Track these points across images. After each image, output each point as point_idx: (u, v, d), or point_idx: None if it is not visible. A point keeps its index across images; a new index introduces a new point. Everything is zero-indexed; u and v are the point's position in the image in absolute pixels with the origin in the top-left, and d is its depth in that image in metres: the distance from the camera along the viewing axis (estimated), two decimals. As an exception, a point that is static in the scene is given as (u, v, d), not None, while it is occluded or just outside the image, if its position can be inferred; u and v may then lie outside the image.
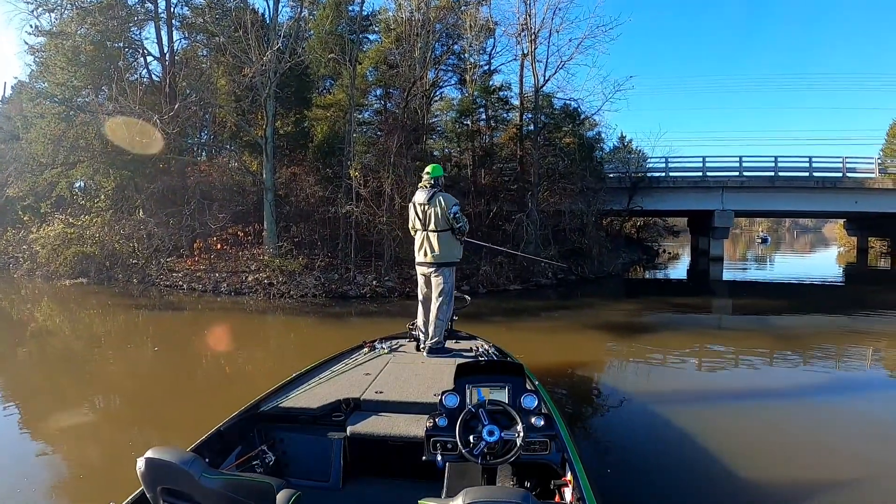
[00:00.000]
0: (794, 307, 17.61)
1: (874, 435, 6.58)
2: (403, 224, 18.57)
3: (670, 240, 52.01)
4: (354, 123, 22.20)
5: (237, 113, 20.76)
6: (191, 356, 10.47)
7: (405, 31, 22.82)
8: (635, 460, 5.72)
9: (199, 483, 2.53)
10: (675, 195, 32.90)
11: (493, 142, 26.91)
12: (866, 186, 32.34)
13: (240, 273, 18.38)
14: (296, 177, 21.59)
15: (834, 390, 8.56)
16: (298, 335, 12.92)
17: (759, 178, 32.57)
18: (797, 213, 48.43)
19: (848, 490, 5.11)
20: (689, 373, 9.75)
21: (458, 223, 6.47)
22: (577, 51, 24.38)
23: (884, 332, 13.62)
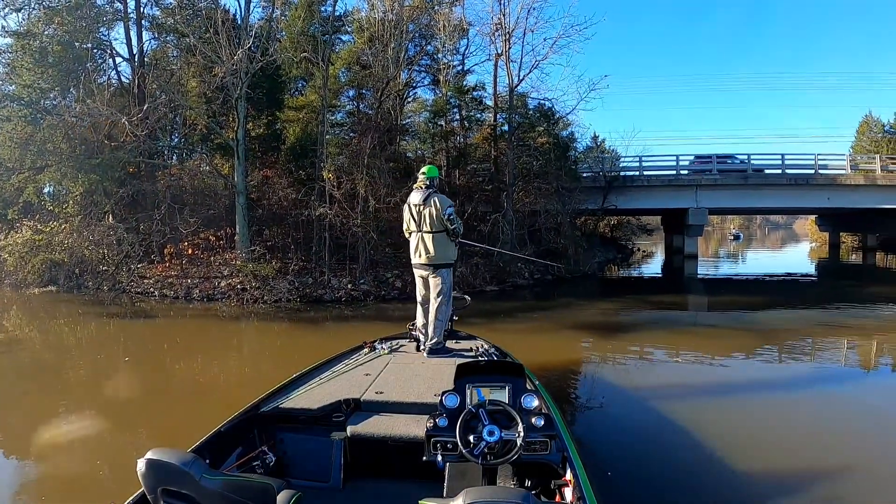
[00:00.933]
0: (770, 302, 17.82)
1: (853, 422, 6.94)
2: (378, 226, 18.58)
3: (644, 238, 52.37)
4: (327, 125, 21.98)
5: (208, 115, 20.44)
6: (162, 366, 10.20)
7: (378, 32, 22.63)
8: (621, 460, 5.70)
9: (200, 484, 2.54)
10: (650, 194, 33.09)
11: (468, 142, 26.81)
12: (838, 183, 32.69)
13: (212, 279, 18.06)
14: (268, 179, 21.25)
15: (816, 382, 8.85)
16: (272, 342, 12.69)
17: (732, 176, 32.85)
18: (770, 209, 49.23)
19: (836, 478, 5.29)
20: (672, 370, 9.86)
21: (453, 224, 6.42)
22: (551, 50, 24.38)
23: (860, 325, 13.81)
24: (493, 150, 25.41)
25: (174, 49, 23.57)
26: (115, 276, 19.03)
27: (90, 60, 20.79)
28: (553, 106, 26.52)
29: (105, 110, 17.82)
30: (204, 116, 20.39)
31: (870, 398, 8.08)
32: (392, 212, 18.85)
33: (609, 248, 36.96)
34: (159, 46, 23.95)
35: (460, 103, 26.20)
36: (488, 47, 26.88)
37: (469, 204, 22.66)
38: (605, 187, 30.63)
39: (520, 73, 24.26)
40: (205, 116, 20.37)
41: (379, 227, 18.56)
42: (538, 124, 26.77)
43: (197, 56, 19.22)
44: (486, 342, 6.61)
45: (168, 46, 23.96)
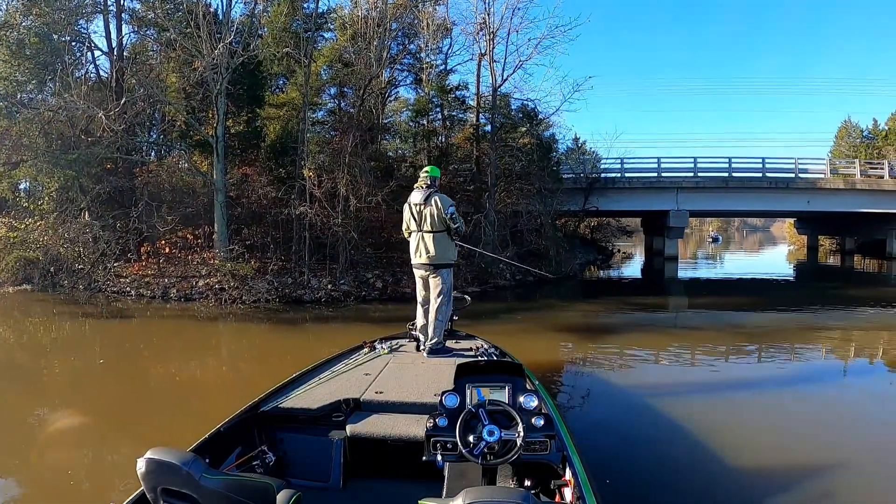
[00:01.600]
0: (752, 304, 17.94)
1: (833, 419, 7.28)
2: (359, 225, 18.41)
3: (624, 240, 52.55)
4: (308, 122, 21.73)
5: (187, 111, 20.11)
6: (137, 369, 9.93)
7: (361, 29, 22.42)
8: (610, 460, 5.59)
9: (200, 483, 2.54)
10: (631, 195, 33.26)
11: (450, 142, 26.67)
12: (818, 186, 33.18)
13: (190, 278, 17.79)
14: (247, 177, 20.97)
15: (800, 381, 9.13)
16: (251, 344, 12.48)
17: (713, 179, 33.05)
18: (751, 212, 49.71)
19: (825, 473, 5.47)
20: (657, 370, 9.92)
21: (455, 224, 6.45)
22: (535, 51, 24.31)
23: (841, 326, 14.02)
24: (476, 150, 25.28)
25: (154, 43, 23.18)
26: (91, 275, 18.68)
27: (68, 53, 20.38)
28: (536, 107, 26.50)
29: (82, 104, 17.46)
30: (183, 112, 20.04)
31: (850, 395, 8.54)
32: (373, 211, 18.71)
33: (589, 249, 37.00)
34: (139, 40, 23.56)
35: (443, 103, 26.07)
36: (472, 47, 26.75)
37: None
38: (586, 189, 30.72)
39: (503, 74, 24.21)
40: (184, 112, 20.02)
41: (360, 227, 18.40)
42: (521, 125, 26.76)
43: (177, 51, 18.92)
44: (485, 342, 6.65)
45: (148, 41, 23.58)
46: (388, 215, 19.89)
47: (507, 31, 23.98)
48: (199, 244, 19.29)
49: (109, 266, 18.75)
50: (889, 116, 50.74)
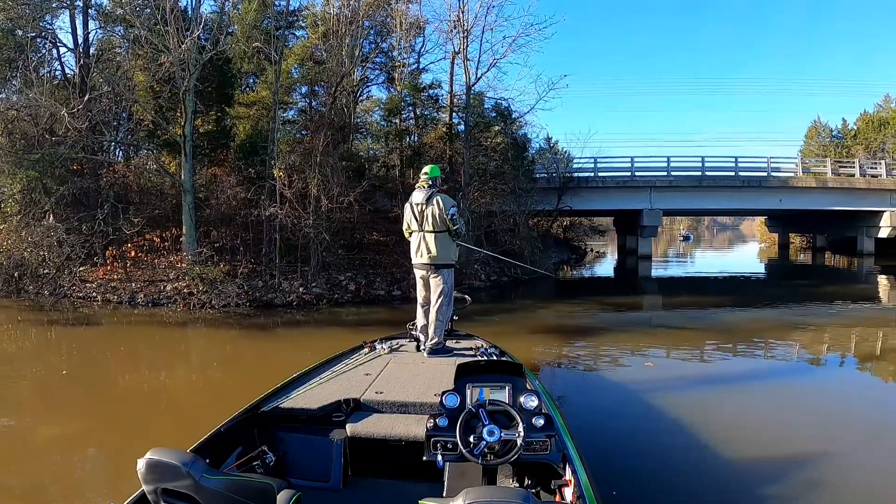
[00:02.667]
0: (729, 302, 18.29)
1: (806, 411, 7.53)
2: (331, 226, 18.08)
3: (596, 239, 52.86)
4: (279, 121, 21.32)
5: (155, 109, 19.58)
6: (101, 380, 9.51)
7: (333, 27, 22.12)
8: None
9: (200, 483, 2.54)
10: (604, 195, 33.48)
11: (422, 141, 26.40)
12: (790, 185, 33.79)
13: (157, 282, 17.29)
14: (217, 178, 20.52)
15: (781, 375, 9.45)
16: (220, 351, 12.01)
17: (686, 178, 33.35)
18: (724, 211, 50.55)
19: (813, 463, 5.65)
20: (640, 370, 9.71)
21: (456, 224, 6.43)
22: (510, 49, 24.24)
23: (816, 323, 14.16)
24: (449, 149, 25.09)
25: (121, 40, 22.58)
26: (57, 280, 18.08)
27: (33, 50, 19.83)
28: (510, 105, 26.36)
29: (45, 101, 16.96)
30: (151, 111, 19.49)
31: (829, 387, 9.01)
32: (345, 212, 18.38)
33: (563, 248, 37.15)
34: (105, 37, 22.99)
35: (415, 101, 25.80)
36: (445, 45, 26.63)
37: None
38: (559, 188, 30.77)
39: (477, 72, 24.04)
40: (152, 111, 19.48)
41: (331, 228, 17.99)
42: (495, 124, 26.62)
43: (145, 48, 18.41)
44: (485, 342, 6.65)
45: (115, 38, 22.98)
46: (361, 216, 19.63)
47: (482, 29, 23.89)
48: (166, 247, 18.76)
49: (75, 270, 18.16)
50: (858, 116, 51.76)
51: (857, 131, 50.78)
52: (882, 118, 48.68)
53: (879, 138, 47.32)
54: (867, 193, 34.05)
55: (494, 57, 24.14)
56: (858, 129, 50.67)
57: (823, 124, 55.05)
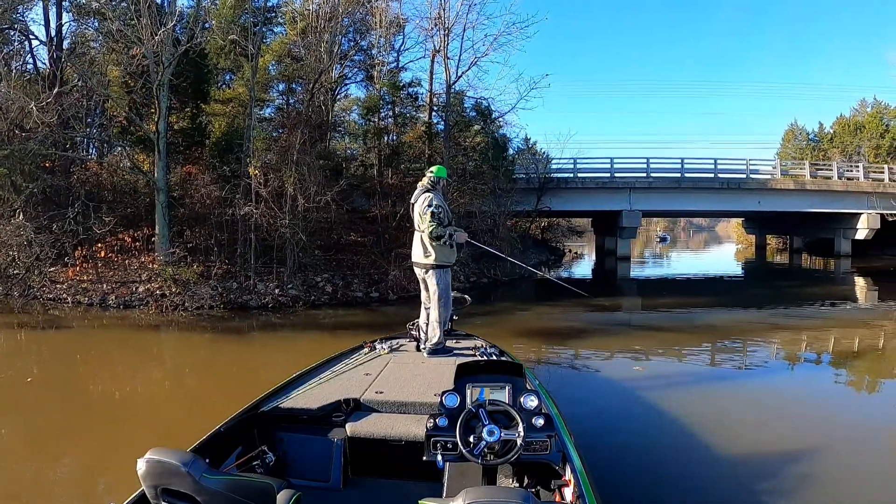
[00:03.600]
0: (712, 303, 18.79)
1: (790, 410, 7.73)
2: (307, 226, 17.72)
3: (574, 240, 53.04)
4: (255, 118, 20.86)
5: (129, 105, 19.05)
6: (68, 388, 8.98)
7: (312, 23, 21.80)
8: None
9: (200, 483, 2.55)
10: (584, 196, 33.43)
11: (401, 140, 26.10)
12: (769, 187, 34.18)
13: (130, 283, 16.79)
14: (191, 176, 20.05)
15: (768, 374, 9.72)
16: (193, 357, 11.56)
17: (666, 179, 33.56)
18: (703, 212, 51.21)
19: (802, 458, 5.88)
20: (630, 371, 9.72)
21: (427, 223, 6.25)
22: (491, 48, 24.11)
23: (795, 324, 14.59)
24: (428, 149, 24.80)
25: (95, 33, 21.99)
26: (27, 281, 17.48)
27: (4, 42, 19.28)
28: (490, 105, 26.18)
29: (13, 94, 16.44)
30: (124, 106, 18.97)
31: (810, 386, 9.20)
32: (322, 212, 18.02)
33: (541, 249, 37.16)
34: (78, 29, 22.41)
35: (394, 100, 25.49)
36: (425, 42, 26.31)
37: (401, 204, 22.06)
38: (539, 189, 30.66)
39: (458, 71, 23.89)
40: (125, 106, 18.97)
41: (308, 228, 17.59)
42: (474, 123, 26.44)
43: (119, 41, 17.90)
44: (485, 342, 6.65)
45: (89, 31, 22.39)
46: (338, 216, 19.29)
47: (463, 27, 23.78)
48: (138, 247, 18.24)
49: (45, 271, 17.57)
50: (835, 120, 52.25)
51: (833, 135, 51.24)
52: (858, 122, 49.10)
53: (855, 142, 47.72)
54: (845, 196, 34.45)
55: (476, 55, 24.03)
56: (835, 132, 51.15)
57: (800, 128, 55.71)
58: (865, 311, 17.22)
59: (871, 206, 34.10)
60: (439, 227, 6.22)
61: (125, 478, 3.17)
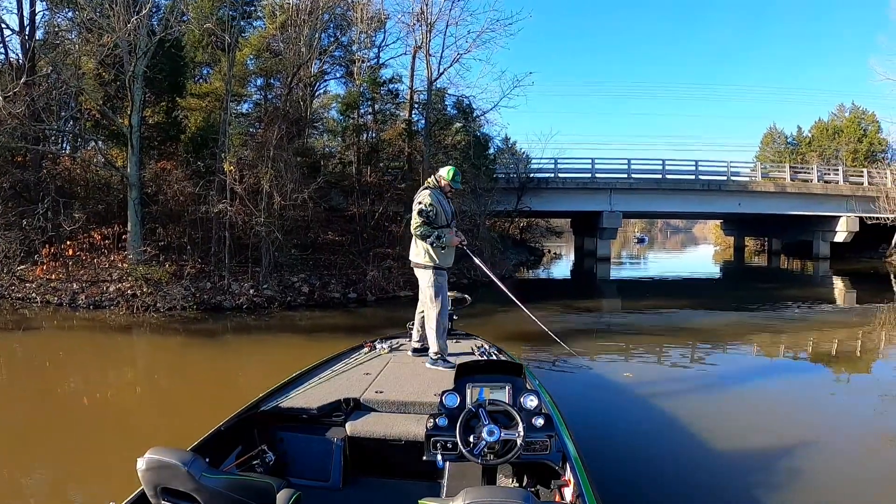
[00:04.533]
0: (693, 304, 18.81)
1: (768, 407, 7.87)
2: (283, 225, 17.30)
3: (553, 240, 53.07)
4: (231, 111, 20.33)
5: (103, 98, 18.47)
6: (26, 397, 8.52)
7: (291, 18, 21.42)
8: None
9: (200, 482, 2.57)
10: (564, 196, 33.54)
11: (381, 138, 25.77)
12: (750, 189, 34.63)
13: (100, 283, 16.19)
14: (166, 172, 19.49)
15: (760, 374, 9.84)
16: (161, 362, 11.04)
17: (647, 181, 33.80)
18: (684, 214, 51.88)
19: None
20: (621, 375, 9.67)
21: (413, 224, 5.95)
22: (474, 44, 23.86)
23: (775, 325, 14.72)
24: (408, 147, 24.54)
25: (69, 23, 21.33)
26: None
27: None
28: (471, 103, 26.00)
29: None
30: (98, 99, 18.37)
31: (794, 386, 9.26)
32: (299, 209, 17.59)
33: (521, 250, 37.05)
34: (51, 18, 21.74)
35: (374, 96, 25.12)
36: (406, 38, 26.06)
37: (380, 203, 21.75)
38: (519, 188, 30.63)
39: (440, 67, 23.63)
40: (98, 98, 18.38)
41: (284, 227, 17.15)
42: (456, 121, 26.20)
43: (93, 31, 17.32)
44: (485, 341, 6.72)
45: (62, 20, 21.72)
46: (315, 214, 18.90)
47: (446, 23, 23.53)
48: (107, 245, 17.62)
49: (14, 269, 16.97)
50: (813, 124, 52.88)
51: (811, 138, 51.88)
52: (836, 126, 49.86)
53: (833, 145, 48.44)
54: (825, 199, 34.90)
55: (458, 52, 23.77)
56: (813, 136, 51.80)
57: (779, 131, 56.22)
58: (849, 313, 17.69)
59: (850, 210, 34.52)
60: (424, 227, 5.91)
61: (93, 487, 2.96)
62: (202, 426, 3.95)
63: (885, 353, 12.02)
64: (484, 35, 23.82)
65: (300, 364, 5.63)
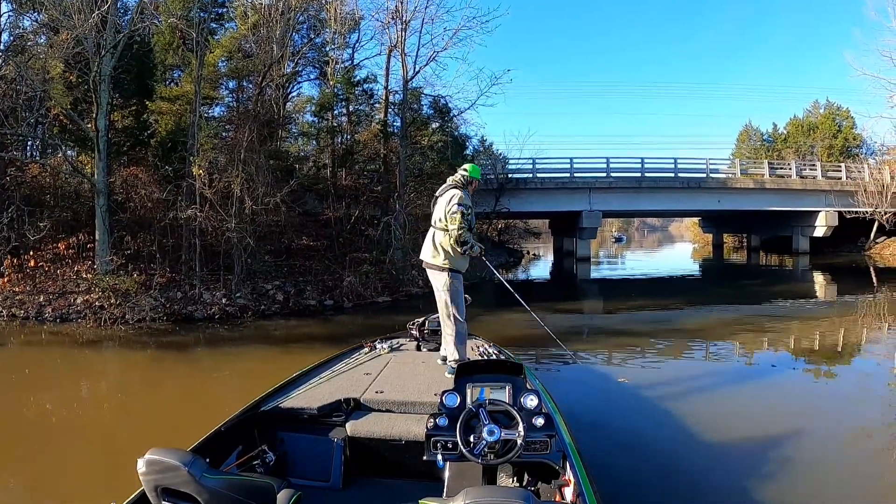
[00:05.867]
0: (679, 302, 18.98)
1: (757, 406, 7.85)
2: (256, 230, 16.82)
3: (531, 241, 53.12)
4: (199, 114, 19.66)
5: (70, 101, 17.75)
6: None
7: (264, 18, 20.99)
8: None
9: (200, 483, 2.57)
10: (543, 196, 33.50)
11: (356, 139, 25.37)
12: (729, 186, 34.94)
13: (68, 294, 15.53)
14: (135, 178, 18.83)
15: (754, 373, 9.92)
16: (127, 379, 10.47)
17: (626, 179, 33.85)
18: (664, 212, 52.32)
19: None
20: (620, 373, 9.64)
21: (453, 224, 5.66)
22: (450, 42, 23.44)
23: (765, 322, 14.68)
24: (383, 148, 24.11)
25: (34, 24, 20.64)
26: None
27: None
28: (448, 102, 25.68)
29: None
30: (66, 103, 17.66)
31: (779, 382, 9.16)
32: (272, 214, 17.11)
33: (500, 251, 36.86)
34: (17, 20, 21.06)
35: (348, 97, 24.73)
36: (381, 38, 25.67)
37: (356, 206, 21.35)
38: (497, 189, 30.38)
39: (415, 66, 23.18)
40: (66, 103, 17.67)
41: (257, 232, 16.66)
42: (433, 121, 25.90)
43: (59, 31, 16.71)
44: (485, 341, 6.71)
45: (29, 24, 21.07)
46: (289, 219, 18.42)
47: (421, 21, 23.07)
48: (71, 255, 16.96)
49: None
50: (788, 121, 53.78)
51: (787, 135, 52.69)
52: (811, 123, 50.72)
53: (808, 142, 49.24)
54: (804, 194, 35.39)
55: (434, 49, 23.36)
56: (788, 133, 52.68)
57: (755, 128, 57.32)
58: (832, 307, 17.91)
59: (829, 204, 35.07)
60: (467, 232, 5.71)
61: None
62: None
63: (871, 346, 12.21)
64: (460, 32, 23.43)
65: (275, 378, 5.38)
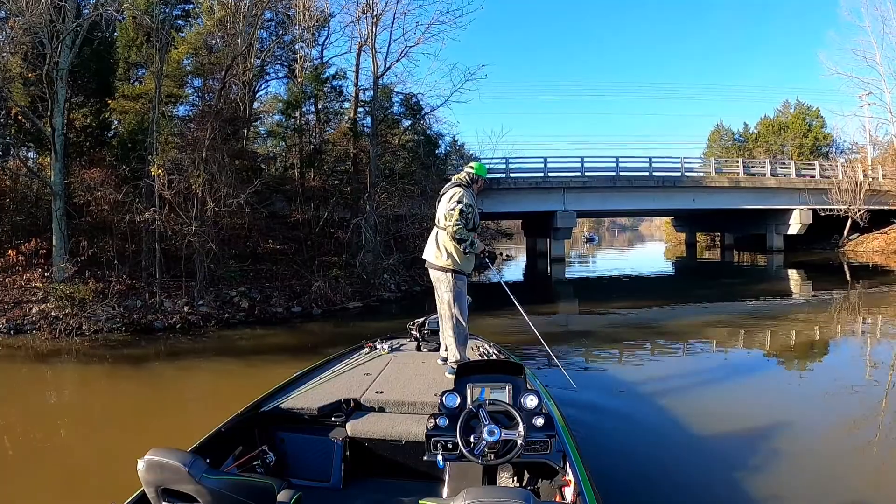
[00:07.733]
0: (657, 302, 19.13)
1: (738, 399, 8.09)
2: (219, 234, 16.13)
3: (504, 242, 53.06)
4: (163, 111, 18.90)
5: (28, 100, 16.89)
6: None
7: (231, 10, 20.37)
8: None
9: (200, 483, 2.57)
10: (517, 196, 33.20)
11: (324, 138, 24.78)
12: (704, 185, 34.99)
13: (23, 304, 14.69)
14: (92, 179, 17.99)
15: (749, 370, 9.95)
16: (79, 399, 9.66)
17: (600, 179, 33.59)
18: (638, 211, 52.85)
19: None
20: (620, 373, 9.83)
21: (450, 221, 5.55)
22: (422, 37, 22.95)
23: (747, 320, 14.95)
24: (353, 147, 23.52)
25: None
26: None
27: None
28: (419, 101, 25.21)
29: None
30: (24, 101, 16.76)
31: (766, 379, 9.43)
32: (235, 217, 16.48)
33: (472, 253, 36.38)
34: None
35: (317, 94, 24.09)
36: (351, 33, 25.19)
37: (325, 208, 20.78)
38: (469, 190, 29.69)
39: (386, 62, 22.70)
40: (24, 99, 16.71)
41: (220, 236, 16.01)
42: (404, 119, 25.53)
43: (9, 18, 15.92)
44: (485, 341, 6.68)
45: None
46: (254, 221, 17.76)
47: (393, 15, 22.61)
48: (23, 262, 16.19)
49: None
50: (759, 120, 54.30)
51: (758, 135, 53.34)
52: (782, 122, 51.50)
53: (779, 141, 50.01)
54: (778, 192, 35.77)
55: (407, 44, 22.89)
56: (759, 132, 53.28)
57: (726, 128, 57.80)
58: (807, 304, 18.16)
59: (803, 202, 35.50)
60: (464, 230, 5.56)
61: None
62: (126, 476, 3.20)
63: (846, 340, 12.70)
64: (433, 27, 22.94)
65: (241, 397, 5.08)
